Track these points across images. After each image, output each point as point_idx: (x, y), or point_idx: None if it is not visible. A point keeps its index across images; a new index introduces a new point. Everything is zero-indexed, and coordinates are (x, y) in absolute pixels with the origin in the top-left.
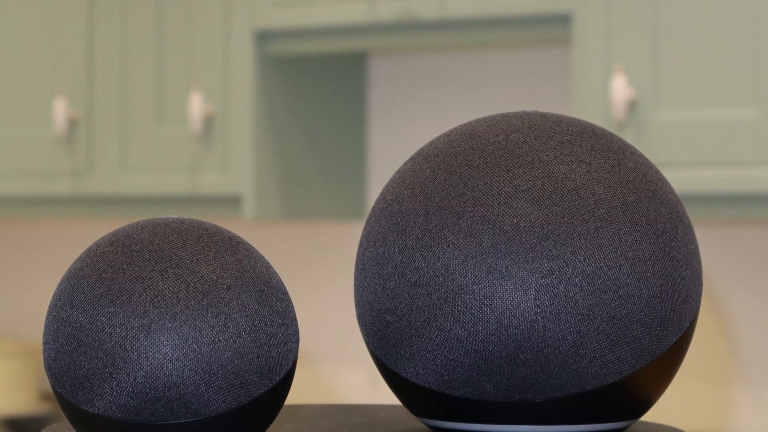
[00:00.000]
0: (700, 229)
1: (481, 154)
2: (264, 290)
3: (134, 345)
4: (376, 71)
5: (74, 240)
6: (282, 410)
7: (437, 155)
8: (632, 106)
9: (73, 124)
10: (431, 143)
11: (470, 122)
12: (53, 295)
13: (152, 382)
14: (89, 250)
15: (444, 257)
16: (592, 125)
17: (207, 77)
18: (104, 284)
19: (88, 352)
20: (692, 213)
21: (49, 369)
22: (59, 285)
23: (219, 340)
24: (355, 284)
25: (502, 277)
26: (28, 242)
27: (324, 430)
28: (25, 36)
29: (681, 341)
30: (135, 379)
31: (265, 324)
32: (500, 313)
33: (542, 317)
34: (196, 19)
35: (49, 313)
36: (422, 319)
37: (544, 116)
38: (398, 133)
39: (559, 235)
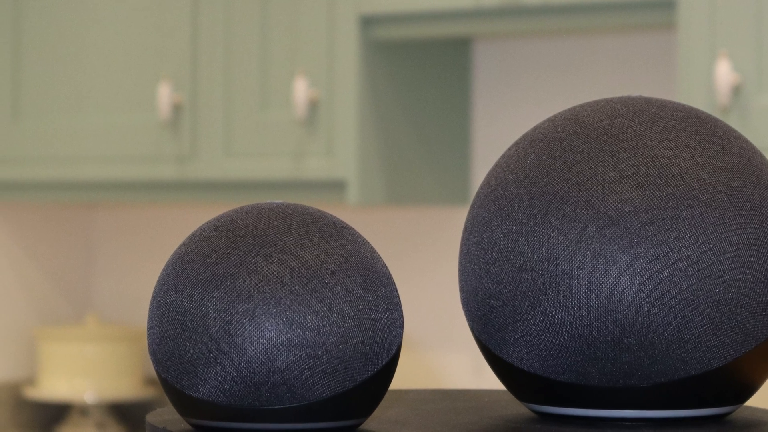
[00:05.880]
0: None
1: (585, 139)
2: (368, 275)
3: (239, 330)
4: (480, 56)
5: (179, 225)
6: (386, 395)
7: (542, 140)
8: (736, 91)
9: (177, 109)
10: (536, 128)
11: (574, 107)
12: (158, 280)
13: (257, 367)
14: (194, 235)
15: (548, 242)
16: (697, 110)
17: (312, 62)
18: (209, 269)
19: (192, 337)
20: None
21: (154, 354)
22: (164, 270)
23: (323, 325)
24: (459, 269)
25: (607, 262)
26: (132, 227)
27: (429, 414)
28: (129, 21)
29: None
30: (239, 364)
31: (370, 309)
32: (605, 298)
33: (647, 302)
34: (301, 4)
35: (154, 297)
36: (527, 304)
37: (648, 101)
38: (502, 118)
39: (663, 220)
